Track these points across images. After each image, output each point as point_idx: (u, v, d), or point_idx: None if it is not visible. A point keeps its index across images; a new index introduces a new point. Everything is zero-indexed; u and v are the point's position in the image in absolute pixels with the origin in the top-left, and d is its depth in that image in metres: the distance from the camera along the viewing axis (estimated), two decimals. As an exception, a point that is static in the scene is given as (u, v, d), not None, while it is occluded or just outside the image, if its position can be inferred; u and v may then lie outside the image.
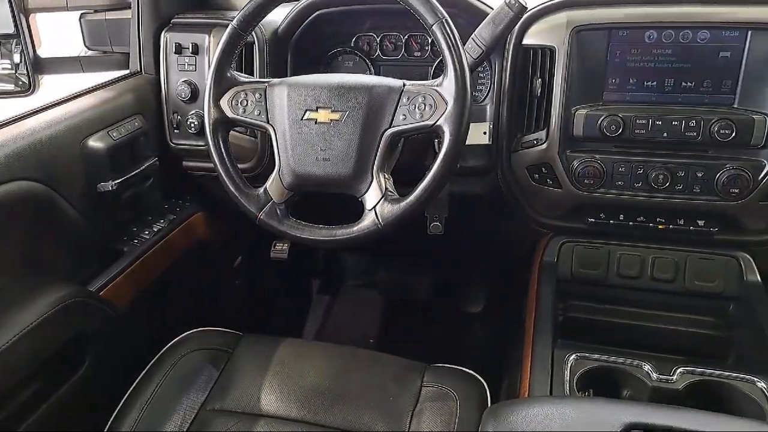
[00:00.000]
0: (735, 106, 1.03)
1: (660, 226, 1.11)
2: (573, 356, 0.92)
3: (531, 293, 1.12)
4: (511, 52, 1.11)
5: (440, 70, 1.16)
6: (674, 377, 0.88)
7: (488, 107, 1.19)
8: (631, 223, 1.13)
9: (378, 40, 1.30)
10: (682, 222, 1.10)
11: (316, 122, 0.93)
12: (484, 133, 1.14)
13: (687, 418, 0.65)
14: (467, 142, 1.13)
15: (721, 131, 1.01)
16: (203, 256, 1.47)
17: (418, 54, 1.29)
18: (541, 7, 1.09)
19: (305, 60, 1.29)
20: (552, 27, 1.07)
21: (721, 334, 1.09)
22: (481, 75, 1.24)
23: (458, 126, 0.88)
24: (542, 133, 1.11)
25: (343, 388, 1.01)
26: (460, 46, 0.88)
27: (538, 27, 1.09)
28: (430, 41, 1.28)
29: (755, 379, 0.87)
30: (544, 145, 1.11)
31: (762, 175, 1.01)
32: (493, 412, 0.71)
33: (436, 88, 0.90)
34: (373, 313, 1.92)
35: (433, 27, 0.88)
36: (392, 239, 0.90)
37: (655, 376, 0.88)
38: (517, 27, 1.10)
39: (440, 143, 0.89)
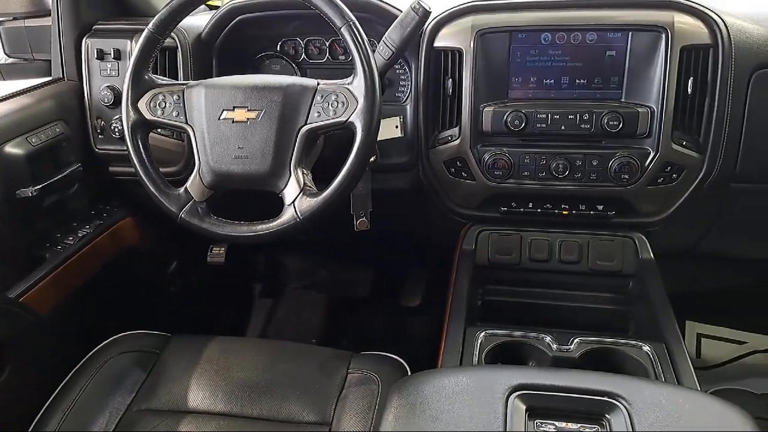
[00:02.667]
0: (622, 100, 1.15)
1: (564, 212, 1.22)
2: (482, 333, 1.01)
3: (451, 280, 1.21)
4: (424, 54, 1.19)
5: None
6: (571, 347, 0.98)
7: (408, 107, 1.28)
8: (539, 210, 1.23)
9: (303, 44, 1.36)
10: (583, 207, 1.21)
11: (233, 121, 0.99)
12: (396, 127, 1.23)
13: (565, 376, 0.74)
14: (382, 137, 1.22)
15: (611, 123, 1.12)
16: (135, 262, 1.49)
17: (342, 57, 1.37)
18: (448, 12, 1.19)
19: (232, 64, 1.34)
20: (459, 30, 1.17)
21: (621, 309, 1.21)
22: (402, 77, 1.32)
23: (369, 121, 0.95)
24: (455, 130, 1.20)
25: (271, 380, 1.06)
26: (367, 46, 0.96)
27: (446, 30, 1.18)
28: (351, 45, 1.36)
29: (642, 344, 0.98)
30: (458, 141, 1.20)
31: (648, 162, 1.14)
32: (398, 385, 0.78)
33: (347, 86, 0.98)
34: (315, 314, 1.97)
35: (342, 29, 0.96)
36: (332, 239, 0.97)
37: (555, 346, 0.98)
38: (428, 30, 1.19)
39: (353, 138, 0.97)
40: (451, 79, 1.18)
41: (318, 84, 1.00)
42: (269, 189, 1.01)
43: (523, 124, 1.16)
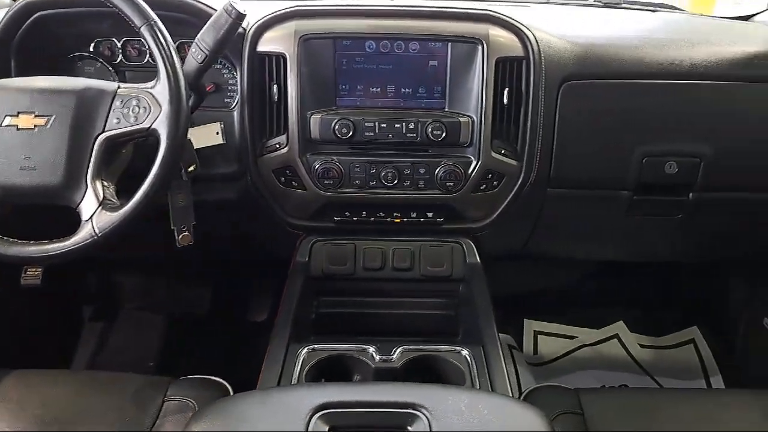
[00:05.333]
0: (446, 109, 1.19)
1: (397, 220, 1.24)
2: (305, 350, 0.99)
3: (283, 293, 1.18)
4: (247, 59, 1.16)
5: None
6: (394, 356, 0.99)
7: (236, 113, 1.23)
8: (372, 218, 1.25)
9: (120, 44, 1.27)
10: (414, 215, 1.24)
11: (17, 128, 0.90)
12: (217, 133, 1.18)
13: (370, 391, 0.74)
14: (201, 144, 1.17)
15: (435, 132, 1.16)
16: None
17: None
18: (271, 16, 1.16)
19: (36, 65, 1.21)
20: (282, 35, 1.15)
21: (452, 313, 1.26)
22: (231, 81, 1.28)
23: (174, 129, 0.91)
24: (283, 137, 1.18)
25: (74, 416, 0.97)
26: (171, 48, 0.91)
27: (269, 35, 1.16)
28: (176, 45, 1.29)
29: (461, 349, 1.01)
30: (286, 149, 1.18)
31: (470, 170, 1.19)
32: (203, 411, 0.74)
33: (150, 90, 0.92)
34: (152, 336, 1.86)
35: (142, 29, 0.90)
36: (166, 255, 0.89)
37: (378, 358, 0.99)
38: (250, 33, 1.16)
39: (157, 147, 0.91)
40: (276, 85, 1.16)
41: (118, 88, 0.93)
42: (63, 203, 0.92)
43: (351, 132, 1.16)
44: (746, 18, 1.43)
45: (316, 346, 1.02)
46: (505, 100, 1.16)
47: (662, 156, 1.19)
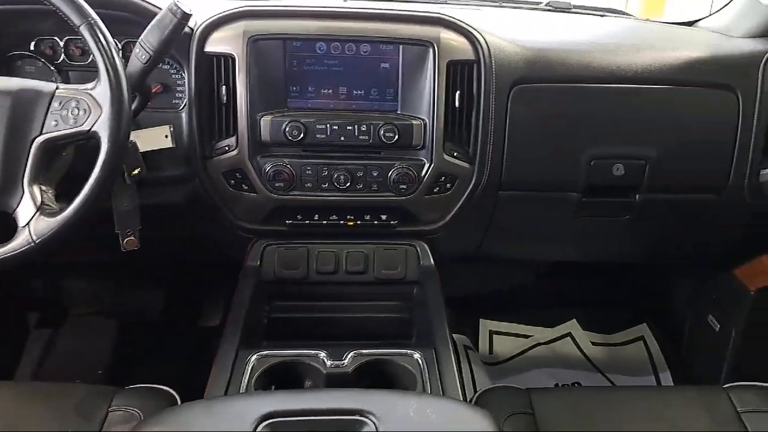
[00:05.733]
0: (399, 112, 1.20)
1: (350, 223, 1.24)
2: (254, 356, 0.98)
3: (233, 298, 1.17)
4: (194, 59, 1.14)
5: None
6: (346, 361, 0.99)
7: (184, 114, 1.21)
8: (324, 221, 1.24)
9: (62, 43, 1.23)
10: (368, 217, 1.24)
11: (-54, 132, 0.86)
12: (166, 136, 1.16)
13: (318, 398, 0.73)
14: (149, 148, 1.15)
15: (387, 135, 1.16)
16: None
17: None
18: (219, 15, 1.15)
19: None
20: (230, 36, 1.14)
21: (406, 316, 1.26)
22: (179, 82, 1.25)
23: (115, 132, 0.88)
24: (232, 140, 1.17)
25: (13, 429, 0.94)
26: (112, 48, 0.89)
27: (217, 35, 1.14)
28: (121, 45, 1.25)
29: (413, 352, 1.02)
30: (235, 151, 1.17)
31: (423, 172, 1.19)
32: (142, 424, 0.72)
33: (90, 92, 0.90)
34: (102, 343, 1.81)
35: (81, 28, 0.88)
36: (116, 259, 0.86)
37: (329, 363, 0.98)
38: (198, 33, 1.14)
39: (98, 150, 0.89)
40: (225, 86, 1.15)
41: (56, 89, 0.90)
42: (-2, 209, 0.89)
43: (302, 135, 1.16)
44: (690, 24, 1.48)
45: (266, 352, 1.00)
46: (457, 103, 1.17)
47: (609, 158, 1.22)
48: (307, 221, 1.24)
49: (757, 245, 1.36)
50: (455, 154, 1.20)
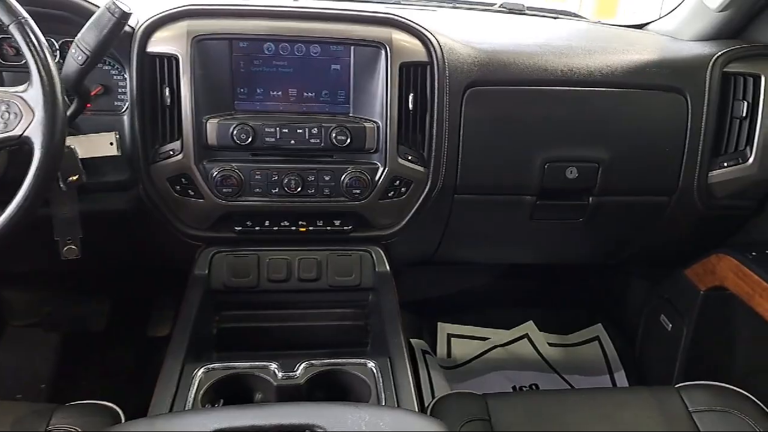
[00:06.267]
0: (351, 114, 1.18)
1: (302, 229, 1.22)
2: (201, 370, 0.95)
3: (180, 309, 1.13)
4: (136, 60, 1.10)
5: None
6: (297, 372, 0.97)
7: (126, 117, 1.16)
8: (275, 228, 1.21)
9: None
10: (321, 223, 1.22)
11: None
12: (111, 144, 1.11)
13: (266, 413, 0.71)
14: (93, 155, 1.10)
15: (339, 138, 1.14)
16: None
17: None
18: (161, 14, 1.11)
19: None
20: (173, 36, 1.10)
21: (361, 324, 1.24)
22: (121, 84, 1.20)
23: (49, 136, 0.84)
24: (177, 144, 1.13)
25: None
26: (44, 48, 0.85)
27: (159, 35, 1.11)
28: (58, 45, 1.20)
29: (367, 361, 1.00)
30: (180, 156, 1.13)
31: (377, 176, 1.18)
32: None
33: (21, 95, 0.85)
34: (44, 356, 1.73)
35: (10, 27, 0.83)
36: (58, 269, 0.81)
37: (280, 375, 0.96)
38: (139, 33, 1.10)
39: (31, 156, 0.84)
40: (168, 88, 1.11)
41: None
42: None
43: (250, 138, 1.13)
44: (640, 26, 1.51)
45: (213, 365, 0.97)
46: (411, 106, 1.16)
47: (563, 161, 1.23)
48: (257, 228, 1.21)
49: (706, 245, 1.40)
50: (409, 157, 1.19)
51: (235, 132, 1.12)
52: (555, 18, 1.53)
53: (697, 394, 1.15)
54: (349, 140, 1.15)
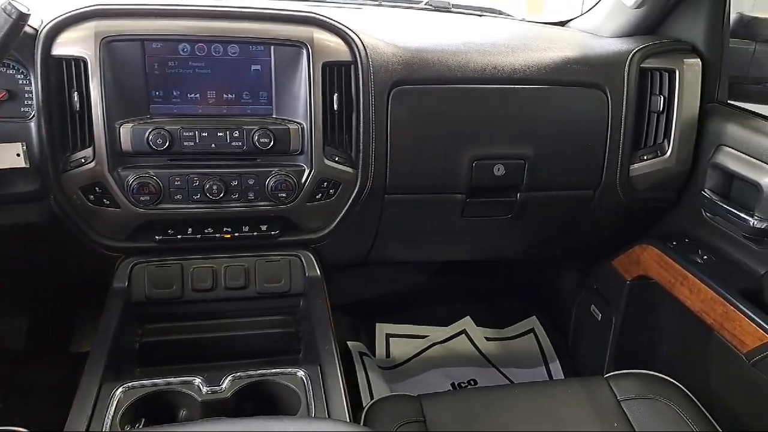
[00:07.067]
0: (274, 116, 1.16)
1: (227, 235, 1.19)
2: (120, 389, 0.91)
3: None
4: (40, 64, 1.04)
5: None
6: (224, 386, 0.94)
7: (33, 124, 1.10)
8: (199, 235, 1.18)
9: None
10: (246, 229, 1.20)
11: None
12: (18, 155, 1.06)
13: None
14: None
15: (262, 140, 1.12)
16: None
17: None
18: (66, 15, 1.06)
19: None
20: (81, 37, 1.05)
21: (293, 331, 1.23)
22: (27, 89, 1.14)
23: None
24: (89, 151, 1.09)
25: None
26: None
27: (66, 36, 1.06)
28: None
29: (297, 370, 0.99)
30: (93, 164, 1.09)
31: (304, 179, 1.16)
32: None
33: None
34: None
35: None
36: None
37: (205, 389, 0.93)
38: (43, 35, 1.04)
39: None
40: (77, 93, 1.06)
41: None
42: None
43: (168, 143, 1.09)
44: (562, 24, 1.55)
45: (133, 383, 0.94)
46: (336, 106, 1.15)
47: (490, 159, 1.25)
48: (180, 236, 1.17)
49: (631, 236, 1.45)
50: (337, 158, 1.18)
51: (150, 137, 1.08)
52: (480, 15, 1.55)
53: (625, 382, 1.20)
54: (272, 143, 1.13)
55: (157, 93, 1.10)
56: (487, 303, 1.99)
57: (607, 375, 1.23)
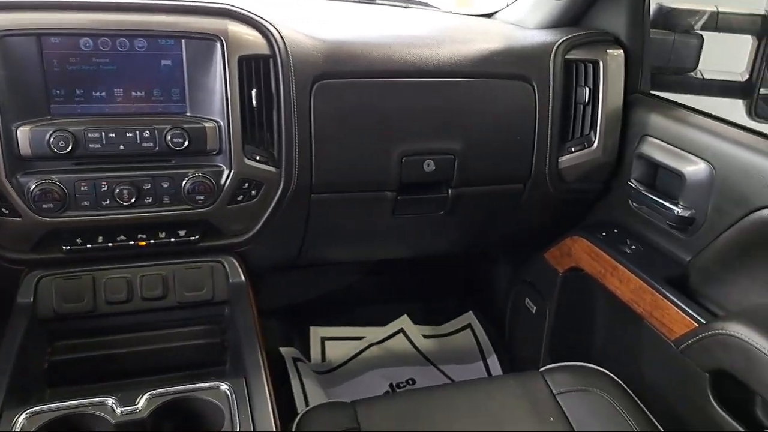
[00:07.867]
0: (188, 114, 1.10)
1: (141, 243, 1.13)
2: (24, 414, 0.85)
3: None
4: None
5: None
6: (140, 406, 0.89)
7: None
8: (111, 244, 1.12)
9: None
10: (163, 235, 1.14)
11: None
12: None
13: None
14: None
15: (175, 140, 1.07)
16: None
17: None
18: (-51, 7, 0.97)
19: None
20: (-34, 31, 0.97)
21: (217, 341, 1.18)
22: None
23: None
24: (-18, 156, 1.00)
25: None
26: None
27: (-50, 30, 0.97)
28: None
29: (219, 383, 0.95)
30: (-12, 169, 1.00)
31: (223, 180, 1.12)
32: None
33: None
34: None
35: None
36: None
37: (119, 410, 0.88)
38: None
39: None
40: (-34, 93, 0.98)
41: None
42: None
43: (71, 146, 1.03)
44: (489, 15, 1.55)
45: (38, 407, 0.87)
46: (254, 102, 1.11)
47: (419, 155, 1.23)
48: (89, 245, 1.10)
49: (562, 228, 1.47)
50: (258, 157, 1.14)
51: (52, 139, 1.01)
52: (406, 7, 1.53)
53: (559, 376, 1.21)
54: (187, 142, 1.08)
55: (57, 92, 1.03)
56: (423, 300, 1.98)
57: (542, 369, 1.24)
